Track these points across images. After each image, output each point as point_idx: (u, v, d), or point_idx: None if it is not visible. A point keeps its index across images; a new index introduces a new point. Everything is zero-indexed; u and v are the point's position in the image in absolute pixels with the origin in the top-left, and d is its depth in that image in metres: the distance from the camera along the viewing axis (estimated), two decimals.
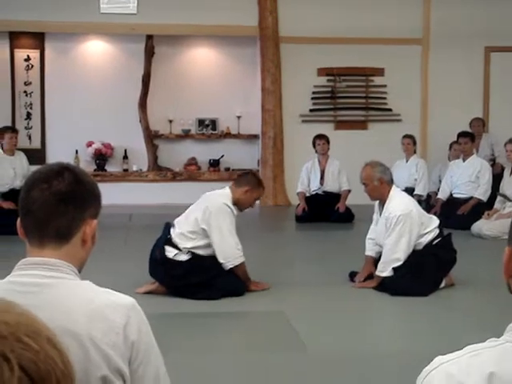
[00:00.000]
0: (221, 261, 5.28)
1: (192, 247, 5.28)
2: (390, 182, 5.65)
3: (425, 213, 5.79)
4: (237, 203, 5.42)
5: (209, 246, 5.30)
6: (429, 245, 5.54)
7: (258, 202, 5.78)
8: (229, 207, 5.30)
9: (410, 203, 5.63)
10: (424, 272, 5.39)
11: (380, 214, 5.69)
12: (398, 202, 5.54)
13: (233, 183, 5.53)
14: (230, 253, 5.27)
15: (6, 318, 0.84)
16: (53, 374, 0.83)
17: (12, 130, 8.62)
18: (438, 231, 5.59)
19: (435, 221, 5.66)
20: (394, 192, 5.63)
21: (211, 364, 3.92)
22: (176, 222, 5.42)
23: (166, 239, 5.33)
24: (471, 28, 10.95)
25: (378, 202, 5.78)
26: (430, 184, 9.65)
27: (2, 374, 0.78)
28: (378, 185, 5.59)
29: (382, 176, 5.60)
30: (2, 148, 8.36)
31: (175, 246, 5.28)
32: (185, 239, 5.28)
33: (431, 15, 11.03)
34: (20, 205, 1.70)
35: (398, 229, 5.43)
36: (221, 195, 5.39)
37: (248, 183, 5.44)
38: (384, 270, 5.51)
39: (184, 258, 5.27)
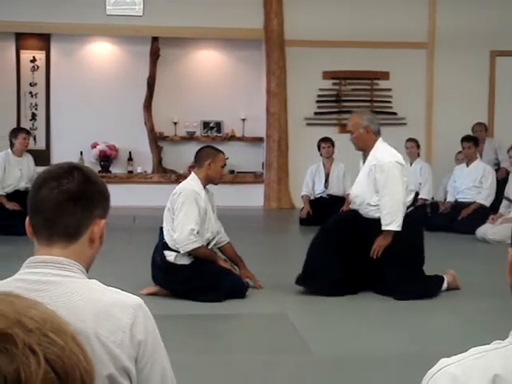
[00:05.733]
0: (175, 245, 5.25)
1: None
2: (377, 133, 5.47)
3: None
4: (207, 180, 5.38)
5: None
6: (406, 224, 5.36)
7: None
8: (195, 192, 5.25)
9: (397, 153, 5.47)
10: (419, 271, 5.34)
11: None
12: (386, 151, 5.39)
13: (193, 166, 5.47)
14: (180, 239, 5.19)
15: (32, 313, 0.85)
16: (77, 369, 0.83)
17: (26, 131, 8.69)
18: (413, 194, 5.54)
19: (413, 182, 5.55)
20: (380, 143, 5.45)
21: (214, 366, 3.92)
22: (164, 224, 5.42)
23: (163, 244, 5.31)
24: (477, 32, 10.95)
25: (362, 154, 5.59)
26: (435, 189, 9.65)
27: (29, 366, 0.78)
28: (364, 133, 5.42)
29: (369, 125, 5.43)
30: (12, 148, 8.40)
31: (171, 248, 5.27)
32: (170, 237, 5.28)
33: (437, 19, 11.02)
34: (29, 203, 1.71)
35: (390, 176, 5.26)
36: (188, 182, 5.37)
37: (207, 156, 5.37)
38: (391, 221, 5.27)
39: (185, 261, 5.26)
